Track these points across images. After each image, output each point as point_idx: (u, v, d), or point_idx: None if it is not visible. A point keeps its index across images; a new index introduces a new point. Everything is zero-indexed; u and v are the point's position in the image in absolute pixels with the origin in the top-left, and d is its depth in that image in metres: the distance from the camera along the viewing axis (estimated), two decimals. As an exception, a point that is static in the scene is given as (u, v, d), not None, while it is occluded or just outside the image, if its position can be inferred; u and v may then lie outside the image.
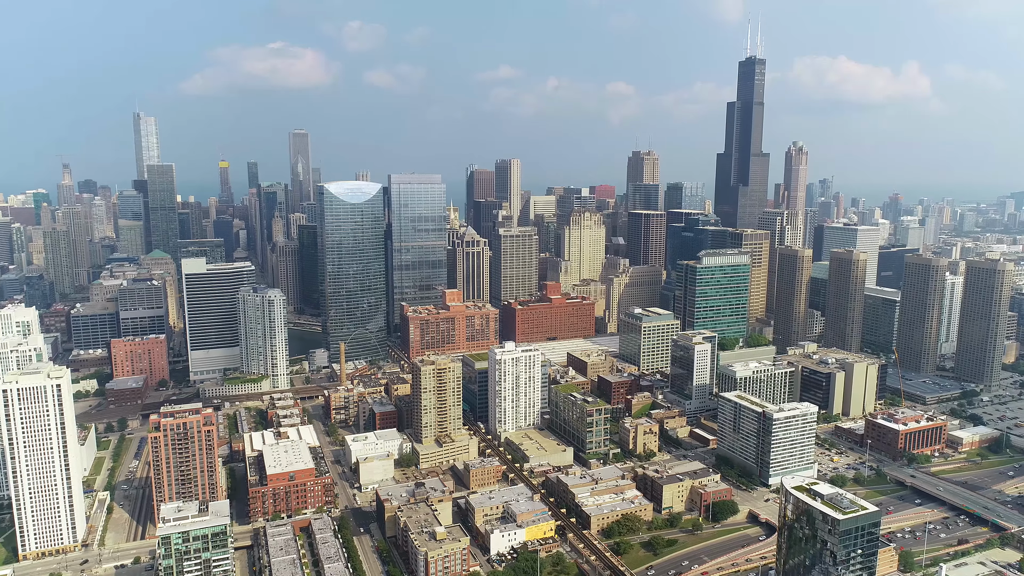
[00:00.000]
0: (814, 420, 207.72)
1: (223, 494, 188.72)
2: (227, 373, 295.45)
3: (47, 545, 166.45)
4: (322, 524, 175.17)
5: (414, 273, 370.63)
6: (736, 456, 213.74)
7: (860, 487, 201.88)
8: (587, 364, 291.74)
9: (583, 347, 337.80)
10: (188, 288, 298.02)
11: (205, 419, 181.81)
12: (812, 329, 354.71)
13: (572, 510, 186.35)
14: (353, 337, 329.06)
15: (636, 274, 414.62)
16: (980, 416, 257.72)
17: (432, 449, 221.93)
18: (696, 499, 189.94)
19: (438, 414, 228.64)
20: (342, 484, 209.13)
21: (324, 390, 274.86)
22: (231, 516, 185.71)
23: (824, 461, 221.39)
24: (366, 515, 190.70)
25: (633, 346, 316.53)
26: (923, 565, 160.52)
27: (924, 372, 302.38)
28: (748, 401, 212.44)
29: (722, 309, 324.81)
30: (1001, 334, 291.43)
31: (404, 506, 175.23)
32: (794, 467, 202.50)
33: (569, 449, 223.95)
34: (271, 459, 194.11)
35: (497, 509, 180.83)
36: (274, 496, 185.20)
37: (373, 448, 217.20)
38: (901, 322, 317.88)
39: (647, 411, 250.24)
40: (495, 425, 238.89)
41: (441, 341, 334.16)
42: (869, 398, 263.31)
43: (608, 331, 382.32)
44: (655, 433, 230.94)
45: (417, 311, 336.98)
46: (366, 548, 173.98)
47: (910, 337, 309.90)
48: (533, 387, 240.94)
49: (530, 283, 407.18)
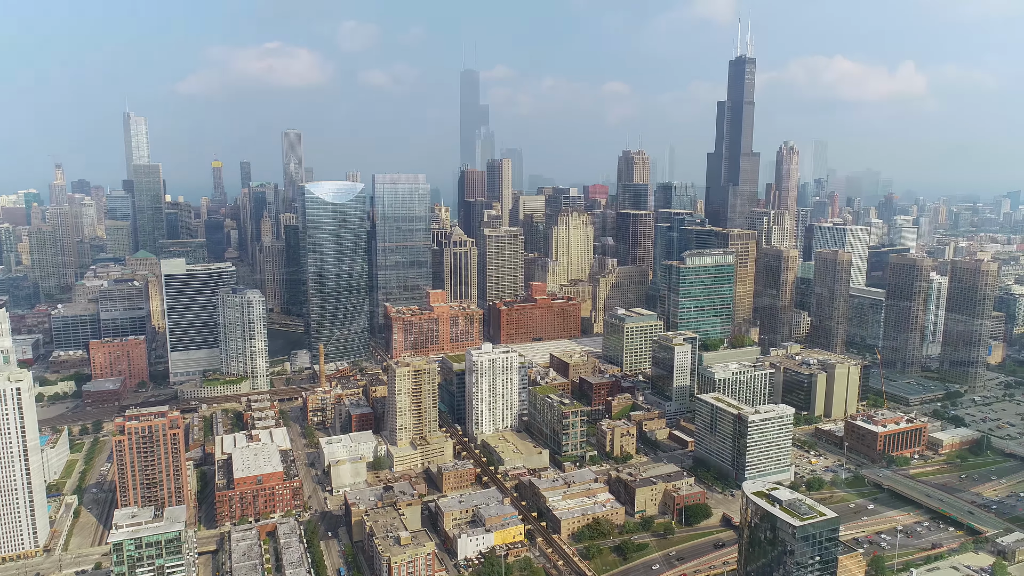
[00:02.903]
0: (791, 422, 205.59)
1: (191, 498, 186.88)
2: (207, 374, 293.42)
3: (7, 550, 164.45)
4: (288, 529, 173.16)
5: (399, 273, 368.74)
6: (712, 458, 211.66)
7: (837, 489, 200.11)
8: (569, 365, 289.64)
9: (568, 348, 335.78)
10: (167, 289, 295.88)
11: (172, 422, 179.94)
12: (799, 329, 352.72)
13: (543, 514, 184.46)
14: (336, 338, 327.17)
15: (623, 274, 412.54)
16: (962, 418, 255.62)
17: (406, 452, 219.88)
18: (669, 502, 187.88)
19: (413, 416, 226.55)
20: (315, 487, 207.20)
21: (302, 391, 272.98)
22: (199, 520, 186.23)
23: (802, 463, 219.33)
24: (336, 519, 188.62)
25: (617, 347, 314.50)
26: (894, 570, 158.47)
27: (909, 373, 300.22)
28: (724, 403, 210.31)
29: (706, 309, 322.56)
30: (985, 334, 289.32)
31: (371, 510, 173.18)
32: (770, 470, 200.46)
33: (545, 452, 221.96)
34: (240, 462, 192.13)
35: (466, 513, 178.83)
36: (241, 500, 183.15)
37: (347, 450, 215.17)
38: (886, 323, 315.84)
39: (627, 412, 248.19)
40: (471, 427, 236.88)
41: (425, 342, 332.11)
42: (851, 400, 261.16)
43: (595, 332, 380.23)
44: (632, 435, 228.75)
45: (401, 312, 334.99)
46: (333, 553, 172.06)
47: (895, 338, 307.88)
48: (510, 389, 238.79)
49: (516, 283, 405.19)
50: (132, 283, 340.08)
